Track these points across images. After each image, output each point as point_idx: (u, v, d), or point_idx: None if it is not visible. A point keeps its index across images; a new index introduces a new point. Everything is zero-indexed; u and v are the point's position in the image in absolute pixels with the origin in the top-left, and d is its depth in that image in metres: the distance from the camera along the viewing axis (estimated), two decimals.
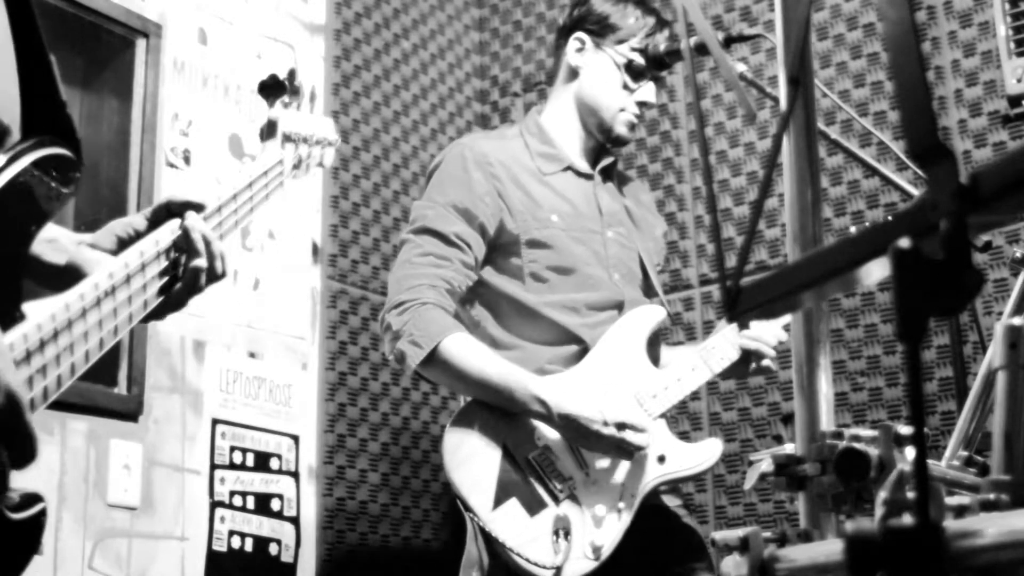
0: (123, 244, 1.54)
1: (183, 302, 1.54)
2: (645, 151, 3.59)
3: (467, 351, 2.43)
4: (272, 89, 1.85)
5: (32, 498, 1.16)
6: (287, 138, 1.84)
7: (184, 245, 1.52)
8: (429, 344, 2.41)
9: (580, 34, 2.73)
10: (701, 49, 2.38)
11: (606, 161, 2.78)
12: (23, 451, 1.07)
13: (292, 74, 1.87)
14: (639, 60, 2.69)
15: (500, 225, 2.59)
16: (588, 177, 2.74)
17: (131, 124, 2.92)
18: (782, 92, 1.25)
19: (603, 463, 2.44)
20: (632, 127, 2.72)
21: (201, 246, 1.52)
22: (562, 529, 2.34)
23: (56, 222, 1.44)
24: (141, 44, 2.97)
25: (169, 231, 1.51)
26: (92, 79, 3.01)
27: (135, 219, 1.60)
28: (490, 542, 2.31)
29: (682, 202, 3.49)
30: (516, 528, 2.32)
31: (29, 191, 1.24)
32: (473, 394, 2.45)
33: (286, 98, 1.85)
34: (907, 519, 0.75)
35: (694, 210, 3.48)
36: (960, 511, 0.97)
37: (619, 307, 2.64)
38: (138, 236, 1.54)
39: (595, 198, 2.73)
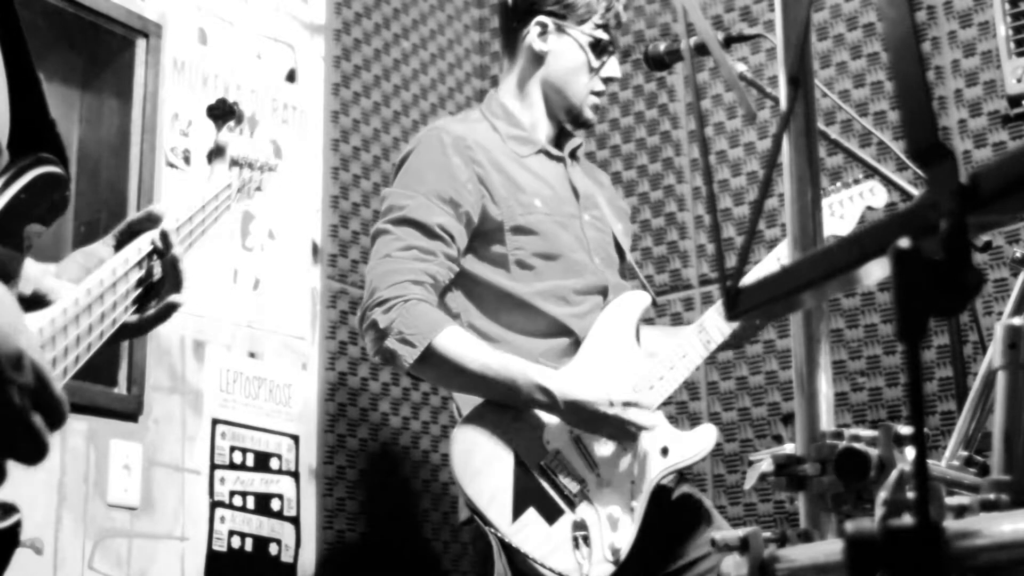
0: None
1: (151, 328, 1.57)
2: (645, 151, 3.59)
3: (463, 344, 2.36)
4: (220, 113, 1.88)
5: (8, 508, 1.18)
6: (234, 162, 1.87)
7: (170, 277, 1.56)
8: (422, 342, 2.34)
9: (542, 17, 2.64)
10: (701, 49, 2.39)
11: (574, 143, 2.73)
12: (55, 417, 1.12)
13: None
14: (603, 36, 2.64)
15: (483, 212, 2.51)
16: (559, 160, 2.69)
17: (131, 124, 2.92)
18: (782, 92, 1.25)
19: (612, 461, 2.40)
20: (597, 109, 2.70)
21: (185, 281, 1.57)
22: (581, 535, 2.30)
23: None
24: (141, 44, 2.97)
25: (136, 250, 1.54)
26: (92, 79, 3.00)
27: (100, 249, 1.63)
28: (512, 556, 2.25)
29: (682, 202, 3.49)
30: (538, 539, 2.27)
31: (26, 210, 1.26)
32: (471, 389, 2.39)
33: (232, 123, 1.88)
34: (907, 519, 0.75)
35: (694, 210, 3.48)
36: (960, 511, 0.97)
37: (603, 292, 2.59)
38: None
39: (569, 181, 2.67)
